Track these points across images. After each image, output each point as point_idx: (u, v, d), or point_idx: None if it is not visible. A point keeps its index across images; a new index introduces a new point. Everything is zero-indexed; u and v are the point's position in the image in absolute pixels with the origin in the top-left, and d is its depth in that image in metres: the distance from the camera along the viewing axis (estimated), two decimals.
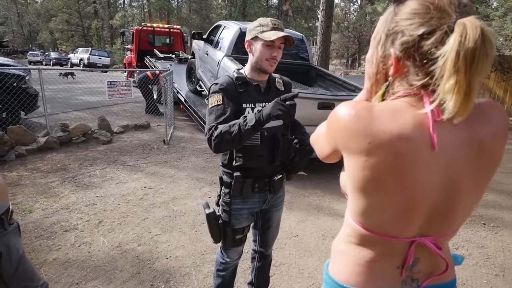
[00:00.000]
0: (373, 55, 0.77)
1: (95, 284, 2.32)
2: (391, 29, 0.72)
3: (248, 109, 1.67)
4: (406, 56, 0.69)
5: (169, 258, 2.66)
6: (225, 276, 1.95)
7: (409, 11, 0.69)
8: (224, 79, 1.68)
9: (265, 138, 1.68)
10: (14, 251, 1.19)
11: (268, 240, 2.02)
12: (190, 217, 3.36)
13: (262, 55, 1.61)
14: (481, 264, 2.81)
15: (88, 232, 2.96)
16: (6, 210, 1.20)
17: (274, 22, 1.61)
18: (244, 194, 1.73)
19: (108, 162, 4.85)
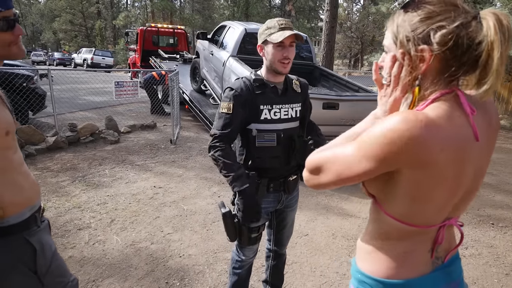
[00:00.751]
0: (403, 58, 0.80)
1: (111, 281, 2.36)
2: (418, 28, 0.76)
3: (265, 110, 1.68)
4: (444, 49, 0.73)
5: (182, 256, 2.70)
6: (241, 274, 1.98)
7: (436, 8, 0.75)
8: (239, 84, 1.69)
9: (281, 140, 1.71)
10: (47, 248, 1.21)
11: (282, 240, 2.05)
12: (201, 216, 3.39)
13: (274, 57, 1.63)
14: (491, 263, 2.83)
15: (101, 231, 3.00)
16: (38, 208, 1.23)
17: (281, 22, 1.61)
18: (259, 194, 1.76)
19: (116, 162, 4.89)
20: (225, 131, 1.65)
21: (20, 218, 1.13)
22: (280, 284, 2.19)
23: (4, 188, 1.09)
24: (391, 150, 0.71)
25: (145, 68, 11.06)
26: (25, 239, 1.14)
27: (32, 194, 1.21)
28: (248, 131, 1.70)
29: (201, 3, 34.04)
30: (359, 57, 32.59)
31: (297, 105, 1.78)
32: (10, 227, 1.10)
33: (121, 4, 42.61)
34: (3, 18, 1.04)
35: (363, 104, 4.91)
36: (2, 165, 1.10)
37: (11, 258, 1.11)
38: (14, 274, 1.12)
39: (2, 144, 1.09)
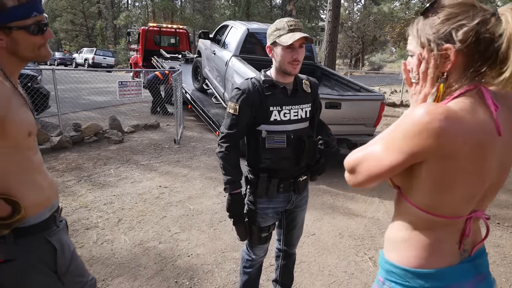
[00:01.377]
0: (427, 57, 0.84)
1: (121, 280, 2.36)
2: (440, 29, 0.81)
3: (275, 111, 1.68)
4: (466, 46, 0.78)
5: (190, 256, 2.70)
6: (252, 273, 1.99)
7: (455, 10, 0.80)
8: (247, 84, 1.68)
9: (291, 141, 1.71)
10: (67, 247, 1.22)
11: (292, 240, 2.05)
12: (207, 215, 3.40)
13: (283, 59, 1.61)
14: (498, 263, 2.83)
15: (109, 230, 3.01)
16: (57, 208, 1.25)
17: (290, 23, 1.60)
18: (269, 194, 1.76)
19: (121, 162, 4.90)
20: (231, 131, 1.68)
21: (40, 218, 1.14)
22: (290, 283, 2.20)
23: (26, 189, 1.11)
24: (416, 142, 0.75)
25: (146, 68, 11.08)
26: (45, 239, 1.15)
27: (51, 194, 1.22)
28: (257, 132, 1.69)
29: (201, 3, 34.02)
30: (360, 56, 32.58)
31: (306, 106, 1.78)
32: (31, 227, 1.11)
33: (122, 4, 42.61)
34: (36, 22, 1.08)
35: (364, 103, 4.94)
36: (24, 165, 1.11)
37: (32, 258, 1.12)
38: (35, 273, 1.13)
39: (24, 144, 1.10)
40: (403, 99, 12.52)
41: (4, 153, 1.04)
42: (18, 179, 1.10)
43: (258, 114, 1.66)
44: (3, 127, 1.00)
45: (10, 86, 1.07)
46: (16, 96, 1.09)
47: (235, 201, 1.71)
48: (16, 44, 1.07)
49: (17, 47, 1.08)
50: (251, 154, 1.77)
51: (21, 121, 1.07)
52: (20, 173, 1.11)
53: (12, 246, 1.09)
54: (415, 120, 0.74)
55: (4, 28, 1.04)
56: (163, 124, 7.38)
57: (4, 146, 1.03)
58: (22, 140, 1.09)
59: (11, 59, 1.10)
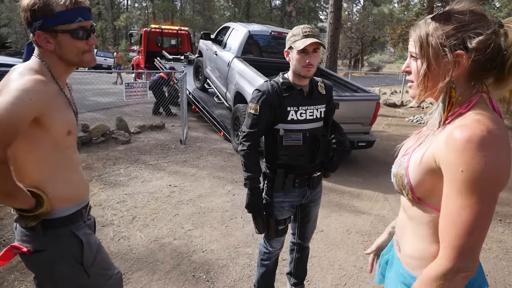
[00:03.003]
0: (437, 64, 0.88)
1: (141, 274, 2.46)
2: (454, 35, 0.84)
3: (292, 111, 1.80)
4: (479, 55, 0.82)
5: (205, 251, 2.80)
6: (269, 265, 2.09)
7: (469, 18, 0.83)
8: (267, 86, 1.81)
9: (307, 139, 1.82)
10: (93, 241, 1.28)
11: (307, 233, 2.16)
12: (218, 213, 3.50)
13: (298, 63, 1.74)
14: (501, 257, 2.94)
15: (125, 227, 3.11)
16: (86, 205, 1.32)
17: (305, 30, 1.72)
18: (285, 188, 1.88)
19: (130, 161, 4.99)
20: (252, 130, 1.80)
21: (66, 212, 1.20)
22: (303, 276, 2.30)
23: (59, 185, 1.17)
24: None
25: (149, 69, 11.16)
26: (72, 232, 1.21)
27: (82, 192, 1.29)
28: (275, 131, 1.81)
29: (201, 4, 34.12)
30: (359, 57, 32.72)
31: (321, 106, 1.89)
32: (57, 220, 1.17)
33: (122, 5, 42.65)
34: (82, 28, 1.15)
35: (361, 103, 5.14)
36: (61, 162, 1.17)
37: (60, 249, 1.18)
38: (62, 264, 1.19)
39: (63, 143, 1.16)
40: (403, 99, 12.64)
41: (43, 149, 1.11)
42: (54, 175, 1.16)
43: (276, 113, 1.78)
44: (42, 123, 1.06)
45: (56, 88, 1.14)
46: (60, 97, 1.16)
47: (255, 196, 1.82)
48: (61, 48, 1.14)
49: (63, 50, 1.15)
50: (269, 151, 1.88)
51: (61, 119, 1.13)
52: (57, 169, 1.16)
53: (42, 238, 1.16)
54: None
55: (52, 31, 1.11)
56: (168, 125, 7.47)
57: (44, 142, 1.10)
58: (61, 138, 1.14)
59: (59, 63, 1.17)
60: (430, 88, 0.91)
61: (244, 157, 1.81)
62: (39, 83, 1.05)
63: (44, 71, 1.13)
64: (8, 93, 0.98)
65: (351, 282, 2.52)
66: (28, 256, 1.16)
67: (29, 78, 1.04)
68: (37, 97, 1.02)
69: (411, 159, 0.93)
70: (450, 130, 0.82)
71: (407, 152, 0.97)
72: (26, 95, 0.99)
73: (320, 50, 1.77)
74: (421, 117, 9.63)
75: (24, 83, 1.01)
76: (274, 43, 6.85)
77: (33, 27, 1.10)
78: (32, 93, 1.00)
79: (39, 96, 1.02)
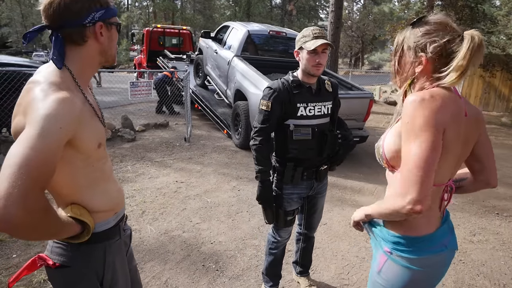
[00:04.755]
0: (403, 60, 1.12)
1: (153, 264, 2.58)
2: (419, 41, 1.05)
3: (302, 108, 1.92)
4: (435, 56, 1.03)
5: (213, 243, 2.92)
6: (277, 254, 2.21)
7: (433, 28, 1.04)
8: (278, 84, 1.93)
9: (315, 133, 1.94)
10: (119, 263, 1.20)
11: (313, 224, 2.28)
12: (224, 207, 3.61)
13: (308, 62, 1.86)
14: (497, 248, 3.06)
15: (135, 221, 3.22)
16: (122, 217, 1.25)
17: (315, 31, 1.85)
18: (294, 181, 1.99)
19: (136, 159, 5.11)
20: (264, 125, 1.91)
21: (105, 226, 1.14)
22: (309, 264, 2.42)
23: (96, 198, 1.10)
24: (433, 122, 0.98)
25: (151, 69, 11.28)
26: (104, 250, 1.14)
27: (118, 202, 1.22)
28: (285, 126, 1.93)
29: (202, 3, 34.22)
30: (359, 56, 32.80)
31: (328, 103, 2.01)
32: (95, 235, 1.09)
33: (122, 5, 42.72)
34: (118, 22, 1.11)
35: (355, 100, 5.36)
36: (95, 176, 1.09)
37: (87, 266, 1.11)
38: (82, 282, 1.11)
39: (95, 156, 1.07)
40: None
41: (74, 167, 1.02)
42: (89, 189, 1.08)
43: (287, 110, 1.90)
44: (71, 144, 0.96)
45: (81, 98, 1.03)
46: (86, 108, 1.03)
47: (266, 188, 1.94)
48: (110, 42, 1.09)
49: (110, 44, 1.10)
50: (279, 146, 1.99)
51: (90, 134, 1.03)
52: (91, 184, 1.08)
53: (74, 252, 1.08)
54: (422, 103, 0.99)
55: (108, 23, 1.07)
56: (172, 123, 7.59)
57: (75, 160, 1.01)
58: (92, 153, 1.05)
59: (95, 60, 1.10)
60: (401, 79, 1.15)
61: (255, 151, 1.92)
62: (66, 103, 0.91)
63: (67, 81, 1.01)
64: (35, 124, 0.85)
65: (354, 271, 2.64)
66: (53, 269, 1.09)
67: (55, 99, 0.90)
68: (67, 122, 0.90)
69: (388, 133, 1.15)
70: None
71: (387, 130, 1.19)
72: (55, 123, 0.86)
73: (328, 50, 1.88)
74: None
75: (50, 107, 0.88)
76: (273, 42, 7.07)
77: (90, 18, 1.01)
78: (61, 119, 0.88)
79: (69, 120, 0.91)
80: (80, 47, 1.04)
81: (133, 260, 1.42)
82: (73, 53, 1.04)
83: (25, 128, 0.86)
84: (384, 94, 13.97)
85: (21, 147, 0.81)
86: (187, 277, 2.46)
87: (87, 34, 1.03)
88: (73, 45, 1.04)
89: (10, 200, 0.76)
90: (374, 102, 11.61)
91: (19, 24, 49.63)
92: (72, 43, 1.03)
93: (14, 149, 0.82)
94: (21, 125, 0.90)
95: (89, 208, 1.08)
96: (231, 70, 6.26)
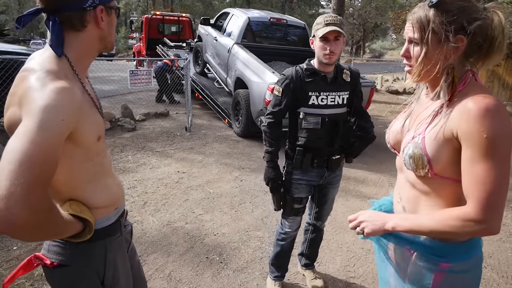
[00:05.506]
0: (437, 48, 0.95)
1: (156, 256, 2.54)
2: (455, 20, 0.91)
3: (313, 96, 1.87)
4: (476, 36, 0.91)
5: (216, 234, 2.88)
6: (284, 246, 2.17)
7: (465, 4, 0.92)
8: (291, 71, 1.92)
9: (326, 123, 1.89)
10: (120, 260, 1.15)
11: (323, 215, 2.23)
12: (227, 198, 3.57)
13: (319, 50, 1.82)
14: (504, 239, 3.02)
15: (137, 212, 3.18)
16: (122, 212, 1.19)
17: (327, 19, 1.79)
18: (303, 167, 1.97)
19: (137, 149, 5.05)
20: (275, 109, 1.94)
21: (106, 222, 1.09)
22: (314, 257, 2.38)
23: (96, 193, 1.04)
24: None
25: (150, 57, 11.12)
26: (105, 247, 1.09)
27: (118, 196, 1.16)
28: (297, 113, 1.91)
29: None
30: (361, 44, 32.44)
31: (344, 93, 1.94)
32: (96, 232, 1.03)
33: None
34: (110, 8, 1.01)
35: None
36: (94, 171, 1.03)
37: (87, 265, 1.06)
38: (83, 281, 1.06)
39: (94, 150, 1.01)
40: (405, 86, 12.62)
41: (74, 162, 0.96)
42: (89, 185, 1.03)
43: (298, 97, 1.88)
44: (72, 137, 0.89)
45: (80, 88, 0.96)
46: (85, 99, 0.97)
47: (270, 168, 1.96)
48: (110, 27, 1.02)
49: (110, 30, 1.03)
50: (291, 132, 1.99)
51: (90, 127, 0.97)
52: (91, 179, 1.03)
53: (73, 251, 1.03)
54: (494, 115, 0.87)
55: (108, 8, 0.99)
56: (172, 112, 7.50)
57: (74, 155, 0.95)
58: (91, 146, 0.99)
59: (94, 47, 1.03)
60: (429, 71, 0.97)
61: (264, 132, 1.98)
62: (66, 92, 0.84)
63: (65, 69, 0.94)
64: (33, 117, 0.77)
65: (360, 263, 2.61)
66: (51, 269, 1.03)
67: (54, 89, 0.82)
68: (68, 114, 0.83)
69: (425, 138, 0.97)
70: (465, 105, 0.89)
71: (418, 133, 1.01)
72: (56, 115, 0.80)
73: (343, 38, 1.82)
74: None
75: (49, 98, 0.80)
76: (274, 29, 6.96)
77: (90, 2, 0.94)
78: (61, 110, 0.81)
79: (70, 112, 0.84)
80: (79, 32, 0.97)
81: (135, 256, 1.36)
82: (71, 40, 0.96)
83: (22, 120, 0.79)
84: (386, 83, 13.84)
85: (20, 142, 0.74)
86: (191, 269, 2.43)
87: (87, 18, 0.95)
88: (71, 30, 0.96)
89: (13, 200, 0.69)
90: (376, 91, 11.55)
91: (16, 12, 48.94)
92: (71, 28, 0.96)
93: (12, 143, 0.74)
94: (17, 117, 0.83)
95: (89, 205, 1.02)
96: (231, 57, 6.18)
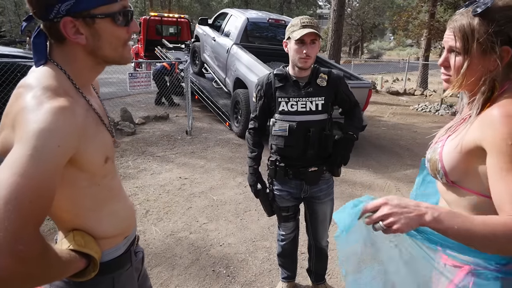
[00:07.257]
0: (480, 59, 0.89)
1: (160, 270, 2.44)
2: (501, 32, 0.86)
3: (283, 102, 1.80)
4: None
5: (222, 245, 2.78)
6: (285, 246, 2.13)
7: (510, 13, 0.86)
8: (263, 77, 1.91)
9: (294, 131, 1.79)
10: None
11: (318, 234, 2.11)
12: (232, 206, 3.47)
13: (295, 53, 1.73)
14: None
15: (139, 221, 3.07)
16: (133, 239, 1.07)
17: (303, 21, 1.71)
18: (277, 177, 1.91)
19: (137, 153, 4.94)
20: (253, 115, 1.99)
21: (114, 253, 0.97)
22: (323, 272, 2.27)
23: (103, 221, 0.93)
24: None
25: (149, 59, 11.00)
26: (112, 283, 0.97)
27: (129, 223, 1.04)
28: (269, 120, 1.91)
29: None
30: (359, 44, 32.43)
31: (318, 99, 1.81)
32: (102, 265, 0.90)
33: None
34: (123, 9, 0.83)
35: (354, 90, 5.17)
36: (102, 196, 0.92)
37: None
38: None
39: (100, 173, 0.89)
40: (406, 87, 12.56)
41: (77, 188, 0.85)
42: (95, 213, 0.91)
43: (270, 103, 1.85)
44: (74, 162, 0.78)
45: (83, 105, 0.84)
46: (89, 118, 0.85)
47: (251, 173, 1.98)
48: (98, 39, 0.83)
49: (99, 43, 0.83)
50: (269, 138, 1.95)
51: (96, 148, 0.85)
52: (97, 206, 0.91)
53: (78, 287, 0.91)
54: None
55: (87, 17, 0.79)
56: (172, 115, 7.39)
57: (77, 181, 0.84)
58: (97, 170, 0.87)
59: (88, 62, 0.86)
60: (470, 82, 0.93)
61: (246, 138, 2.02)
62: (65, 113, 0.72)
63: (64, 85, 0.81)
64: (26, 143, 0.66)
65: None
66: None
67: (50, 109, 0.71)
68: (66, 137, 0.72)
69: (445, 145, 0.97)
70: (487, 113, 0.87)
71: (440, 139, 1.02)
72: (51, 141, 0.68)
73: (319, 42, 1.75)
74: (426, 105, 9.57)
75: (45, 120, 0.69)
76: (272, 30, 6.97)
77: (55, 12, 0.76)
78: (58, 135, 0.70)
79: (69, 134, 0.73)
80: (63, 46, 0.83)
81: (146, 281, 1.24)
82: (59, 52, 0.84)
83: (14, 146, 0.68)
84: (385, 83, 13.79)
85: (8, 174, 0.62)
86: (197, 284, 2.33)
87: (61, 31, 0.79)
88: (56, 42, 0.83)
89: None
90: (376, 92, 11.49)
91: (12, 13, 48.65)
92: (55, 40, 0.83)
93: None
94: (10, 141, 0.72)
95: (95, 234, 0.90)
96: (230, 58, 6.17)
